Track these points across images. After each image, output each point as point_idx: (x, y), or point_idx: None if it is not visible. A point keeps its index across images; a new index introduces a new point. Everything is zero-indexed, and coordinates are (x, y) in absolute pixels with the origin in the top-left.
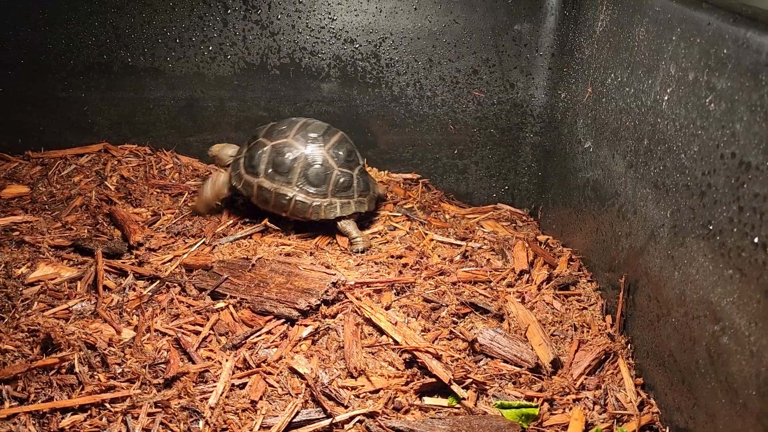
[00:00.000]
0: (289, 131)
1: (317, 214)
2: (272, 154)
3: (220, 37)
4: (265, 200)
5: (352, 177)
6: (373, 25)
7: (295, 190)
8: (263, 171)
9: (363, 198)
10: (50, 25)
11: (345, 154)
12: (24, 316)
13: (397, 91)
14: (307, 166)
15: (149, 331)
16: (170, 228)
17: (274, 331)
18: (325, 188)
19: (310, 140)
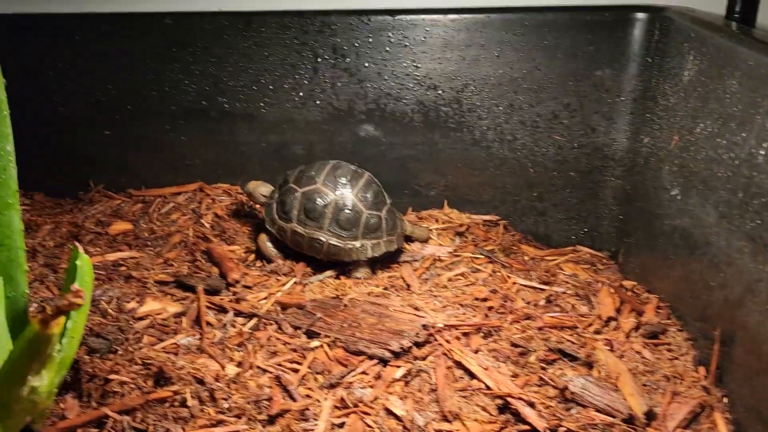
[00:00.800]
0: (318, 176)
1: (350, 256)
2: (303, 201)
3: (310, 84)
4: (299, 244)
5: (380, 218)
6: (456, 72)
7: (327, 235)
8: (295, 217)
9: (391, 237)
10: (156, 74)
11: (372, 196)
12: (137, 349)
13: (478, 135)
14: (338, 211)
15: (251, 368)
16: (263, 266)
17: (368, 371)
18: (356, 231)
19: (339, 185)
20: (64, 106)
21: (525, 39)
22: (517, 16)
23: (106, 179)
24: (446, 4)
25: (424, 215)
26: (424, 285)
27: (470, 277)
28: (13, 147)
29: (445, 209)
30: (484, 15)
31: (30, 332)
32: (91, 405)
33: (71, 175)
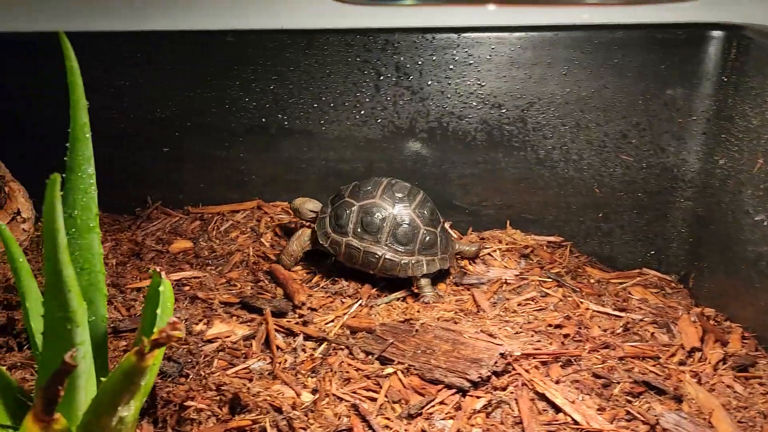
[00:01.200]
0: (375, 191)
1: (405, 272)
2: (360, 214)
3: (371, 101)
4: (352, 258)
5: (436, 235)
6: (522, 90)
7: (384, 249)
8: (351, 230)
9: (446, 255)
10: (216, 91)
11: (429, 213)
12: (209, 374)
13: (542, 155)
14: (396, 225)
15: (328, 396)
16: (326, 287)
17: (446, 402)
18: (413, 247)
19: (397, 200)
20: (124, 123)
21: (593, 57)
22: (586, 34)
23: (163, 196)
24: (512, 21)
25: (486, 235)
26: (493, 309)
27: (540, 301)
28: (94, 170)
29: (507, 230)
30: (551, 33)
31: (126, 364)
32: (167, 431)
33: (129, 192)
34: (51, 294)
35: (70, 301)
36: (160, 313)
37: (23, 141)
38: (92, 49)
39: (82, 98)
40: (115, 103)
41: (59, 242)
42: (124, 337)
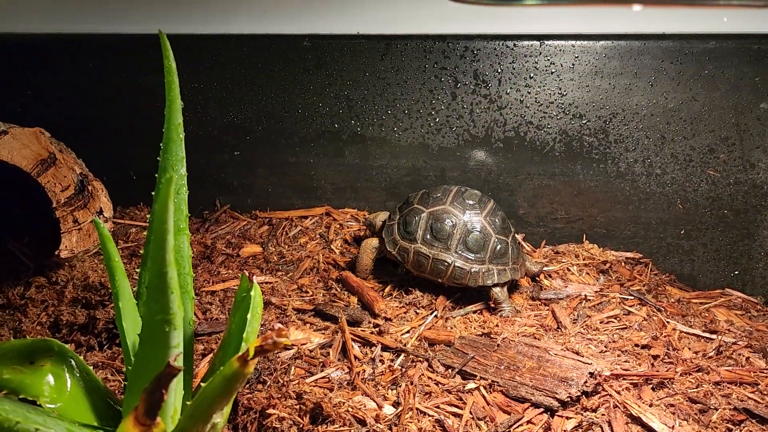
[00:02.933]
0: (445, 198)
1: (475, 281)
2: (430, 221)
3: (447, 109)
4: (420, 265)
5: (507, 244)
6: (605, 101)
7: (453, 256)
8: (420, 237)
9: (516, 265)
10: (289, 95)
11: (500, 222)
12: (287, 381)
13: (623, 168)
14: (467, 232)
15: (411, 410)
16: (399, 297)
17: (534, 421)
18: (483, 255)
19: (467, 207)
20: (195, 125)
21: (683, 68)
22: (676, 44)
23: (232, 199)
24: (598, 29)
25: (562, 249)
26: (574, 326)
27: (624, 319)
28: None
29: (584, 244)
30: (639, 42)
31: (228, 370)
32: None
33: (197, 194)
34: (153, 296)
35: (172, 303)
36: (250, 318)
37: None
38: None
39: (177, 98)
40: (188, 105)
41: (168, 243)
42: (200, 341)
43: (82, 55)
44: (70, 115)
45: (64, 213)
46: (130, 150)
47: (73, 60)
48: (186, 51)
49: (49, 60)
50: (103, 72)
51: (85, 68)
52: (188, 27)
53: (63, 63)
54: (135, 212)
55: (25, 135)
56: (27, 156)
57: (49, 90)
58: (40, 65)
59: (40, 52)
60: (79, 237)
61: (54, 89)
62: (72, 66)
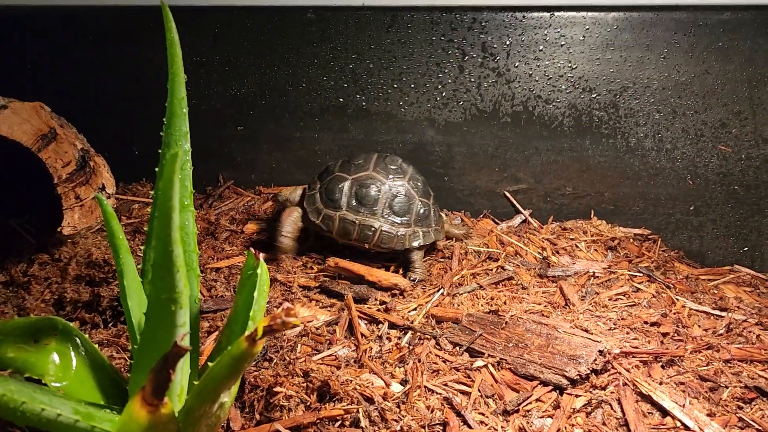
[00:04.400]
0: (367, 164)
1: (402, 244)
2: (354, 187)
3: (454, 83)
4: (346, 233)
5: (429, 207)
6: (615, 74)
7: (380, 221)
8: (345, 204)
9: (438, 227)
10: (293, 69)
11: (422, 185)
12: (294, 359)
13: (633, 143)
14: (392, 197)
15: (419, 387)
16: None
17: (543, 399)
18: (409, 218)
19: (390, 172)
20: (197, 100)
21: (696, 40)
22: (690, 15)
23: (235, 175)
24: (609, 1)
25: (570, 225)
26: (582, 303)
27: (633, 296)
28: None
29: (592, 220)
30: (652, 13)
31: (236, 349)
32: (255, 417)
33: (201, 170)
34: (158, 274)
35: (178, 282)
36: (257, 296)
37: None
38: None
39: (180, 72)
40: (190, 79)
41: (173, 221)
42: (206, 318)
43: (83, 28)
44: (71, 90)
45: (66, 189)
46: (132, 125)
47: (73, 33)
48: (188, 23)
49: (49, 33)
50: (104, 45)
51: (86, 41)
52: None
53: (63, 36)
54: (137, 188)
55: (25, 110)
56: (27, 131)
57: (49, 64)
58: (40, 39)
59: (40, 25)
60: (82, 213)
61: (54, 63)
62: (72, 39)
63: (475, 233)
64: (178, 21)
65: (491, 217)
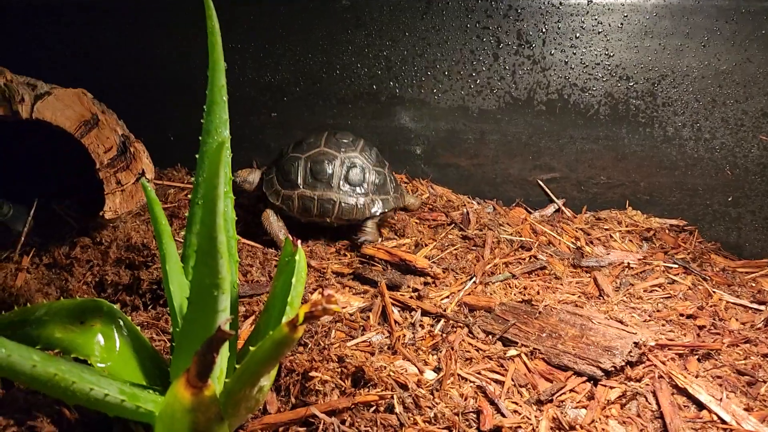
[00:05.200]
0: (318, 141)
1: (362, 213)
2: (308, 165)
3: (489, 71)
4: (307, 210)
5: (384, 176)
6: (654, 62)
7: (339, 194)
8: (302, 182)
9: (397, 194)
10: (327, 56)
11: (375, 156)
12: (329, 344)
13: (671, 132)
14: (347, 169)
15: (452, 375)
16: (438, 262)
17: (577, 390)
18: (366, 187)
19: (342, 146)
20: (233, 87)
21: (738, 27)
22: (732, 2)
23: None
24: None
25: (604, 216)
26: (617, 294)
27: (668, 288)
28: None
29: (627, 210)
30: (692, 0)
31: (278, 335)
32: (290, 400)
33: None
34: (202, 260)
35: (221, 267)
36: (295, 282)
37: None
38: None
39: (220, 60)
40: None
41: (218, 208)
42: (242, 303)
43: (124, 16)
44: (109, 76)
45: (108, 174)
46: (168, 111)
47: (112, 21)
48: (224, 10)
49: (88, 21)
50: (143, 33)
51: (127, 29)
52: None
53: (105, 24)
54: (173, 173)
55: (68, 96)
56: (70, 117)
57: (90, 51)
58: (82, 26)
59: (82, 13)
60: (122, 198)
61: (95, 50)
62: (113, 27)
63: (508, 222)
64: (215, 8)
65: (524, 206)
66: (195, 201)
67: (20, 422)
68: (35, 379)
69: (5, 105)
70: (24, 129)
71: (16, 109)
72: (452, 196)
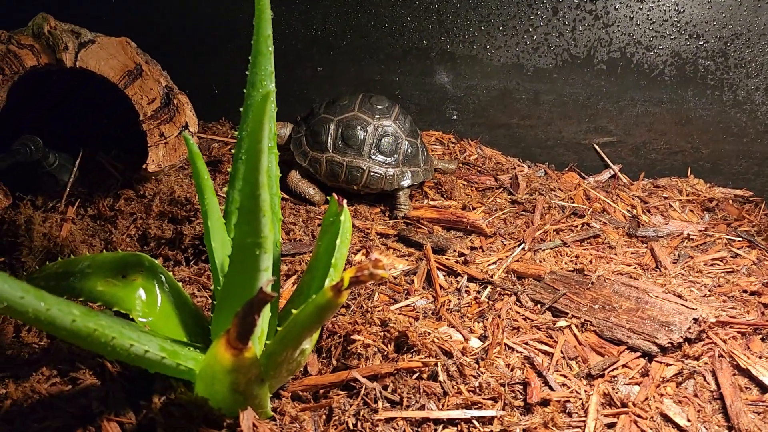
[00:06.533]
0: (352, 105)
1: (391, 185)
2: (340, 128)
3: (546, 26)
4: (334, 175)
5: (417, 146)
6: (728, 19)
7: (368, 162)
8: (332, 145)
9: (427, 166)
10: (376, 8)
11: (409, 125)
12: (371, 308)
13: (742, 96)
14: (379, 137)
15: (499, 344)
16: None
17: (630, 365)
18: (397, 158)
19: (376, 112)
20: (279, 40)
21: None
22: None
23: None
24: None
25: (663, 183)
26: (675, 267)
27: (731, 262)
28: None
29: (689, 179)
30: None
31: (322, 299)
32: (332, 362)
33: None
34: (244, 218)
35: (263, 226)
36: (339, 244)
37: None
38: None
39: (267, 8)
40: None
41: (261, 164)
42: (284, 261)
43: None
44: (153, 26)
45: (151, 126)
46: (212, 63)
47: None
48: None
49: None
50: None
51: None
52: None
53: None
54: (217, 127)
55: (112, 45)
56: (114, 66)
57: None
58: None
59: None
60: (166, 151)
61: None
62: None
63: (560, 187)
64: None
65: (577, 171)
66: (238, 156)
67: (64, 373)
68: (75, 334)
69: (49, 53)
70: (69, 78)
71: (60, 58)
72: (502, 159)
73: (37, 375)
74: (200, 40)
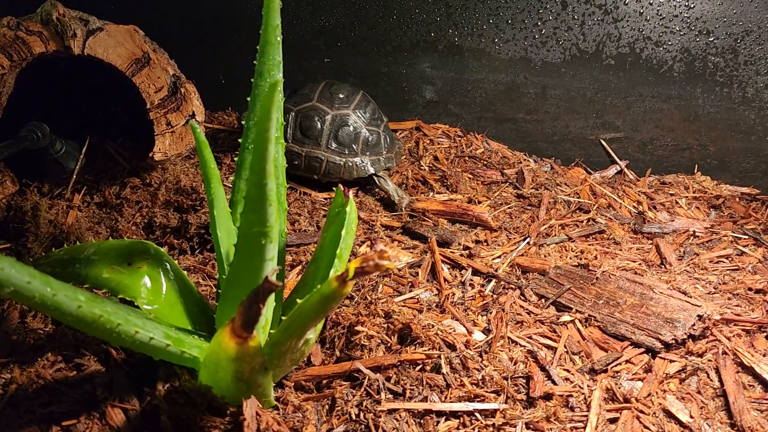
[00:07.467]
0: (312, 94)
1: (350, 174)
2: (298, 119)
3: (555, 20)
4: (293, 165)
5: (379, 135)
6: (739, 15)
7: (326, 153)
8: (291, 136)
9: (391, 154)
10: (384, 1)
11: (370, 113)
12: (376, 299)
13: (750, 93)
14: (337, 127)
15: (502, 338)
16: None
17: (634, 361)
18: (356, 147)
19: (336, 102)
20: (286, 30)
21: None
22: None
23: None
24: None
25: (669, 180)
26: (680, 264)
27: (736, 260)
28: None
29: (696, 176)
30: None
31: (326, 289)
32: (335, 353)
33: None
34: (250, 207)
35: (269, 216)
36: (344, 235)
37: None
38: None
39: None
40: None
41: (268, 152)
42: (289, 252)
43: None
44: (161, 15)
45: (158, 115)
46: (220, 52)
47: None
48: None
49: None
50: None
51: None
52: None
53: None
54: (223, 117)
55: (120, 33)
56: (122, 54)
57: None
58: None
59: None
60: (172, 140)
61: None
62: None
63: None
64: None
65: (583, 166)
66: (245, 146)
67: (68, 359)
68: (81, 320)
69: (57, 40)
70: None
71: (68, 45)
72: (508, 153)
73: (42, 360)
74: (208, 29)
